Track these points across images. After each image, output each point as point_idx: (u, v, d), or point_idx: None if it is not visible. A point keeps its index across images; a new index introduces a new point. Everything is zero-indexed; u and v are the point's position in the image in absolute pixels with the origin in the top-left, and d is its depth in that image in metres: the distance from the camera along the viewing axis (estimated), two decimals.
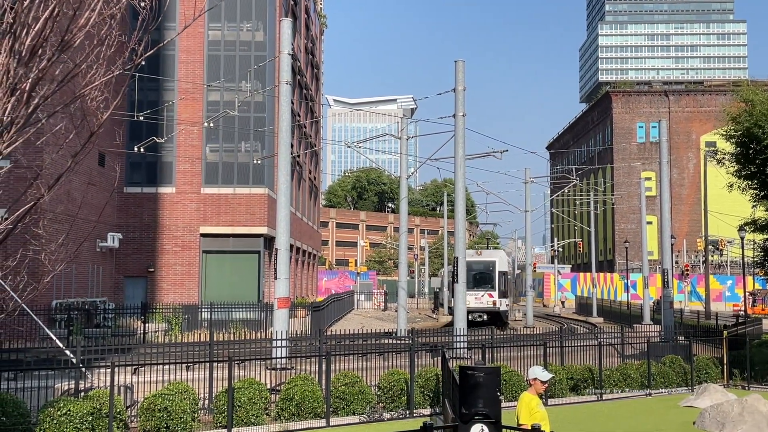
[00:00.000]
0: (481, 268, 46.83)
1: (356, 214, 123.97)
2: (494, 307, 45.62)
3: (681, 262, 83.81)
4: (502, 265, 47.67)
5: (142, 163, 43.21)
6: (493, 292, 46.04)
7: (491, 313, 45.06)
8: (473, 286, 43.99)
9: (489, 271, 46.85)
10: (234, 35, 44.74)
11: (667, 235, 35.26)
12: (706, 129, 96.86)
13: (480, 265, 46.81)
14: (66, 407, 14.36)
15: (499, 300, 46.02)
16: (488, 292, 46.02)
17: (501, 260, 47.92)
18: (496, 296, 45.99)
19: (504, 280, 46.93)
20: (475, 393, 13.89)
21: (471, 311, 41.26)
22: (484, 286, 46.24)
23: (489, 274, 46.77)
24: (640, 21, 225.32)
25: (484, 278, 46.52)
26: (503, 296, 46.48)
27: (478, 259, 46.99)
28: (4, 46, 6.40)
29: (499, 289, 46.38)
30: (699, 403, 19.53)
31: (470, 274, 42.01)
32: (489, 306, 45.55)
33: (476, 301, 44.52)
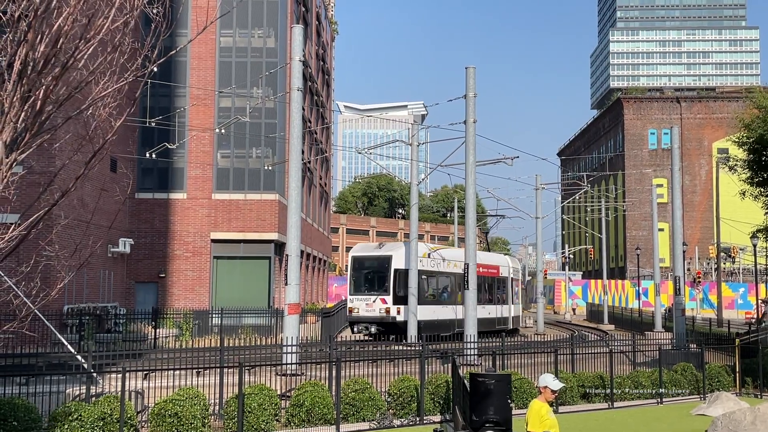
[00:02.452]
0: (374, 266, 35.68)
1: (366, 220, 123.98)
2: (387, 316, 34.11)
3: (693, 270, 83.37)
4: (403, 260, 34.85)
5: (153, 169, 43.39)
6: (386, 296, 34.32)
7: (384, 324, 34.01)
8: (364, 288, 35.59)
9: (383, 268, 34.99)
10: (245, 42, 44.92)
11: (679, 242, 35.10)
12: (718, 136, 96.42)
13: (373, 261, 35.88)
14: (77, 412, 14.40)
15: (394, 307, 34.24)
16: (381, 296, 34.49)
17: (403, 255, 34.99)
18: (391, 302, 34.27)
19: (406, 281, 34.47)
20: (486, 400, 13.89)
21: (357, 321, 34.66)
22: (377, 289, 35.10)
23: (383, 273, 34.97)
24: (652, 27, 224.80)
25: (376, 278, 35.50)
26: (404, 302, 34.04)
27: (370, 254, 36.44)
28: (19, 54, 6.46)
29: (394, 293, 34.39)
30: (711, 412, 19.41)
31: (360, 273, 36.03)
32: (381, 314, 34.27)
33: (366, 308, 34.57)
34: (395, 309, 34.17)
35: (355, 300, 35.15)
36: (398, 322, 33.97)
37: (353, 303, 35.16)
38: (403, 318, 33.83)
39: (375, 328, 33.72)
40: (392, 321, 33.98)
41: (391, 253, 35.06)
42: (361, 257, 36.45)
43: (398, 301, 34.19)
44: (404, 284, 34.18)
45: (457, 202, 74.59)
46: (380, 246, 36.94)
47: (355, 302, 35.09)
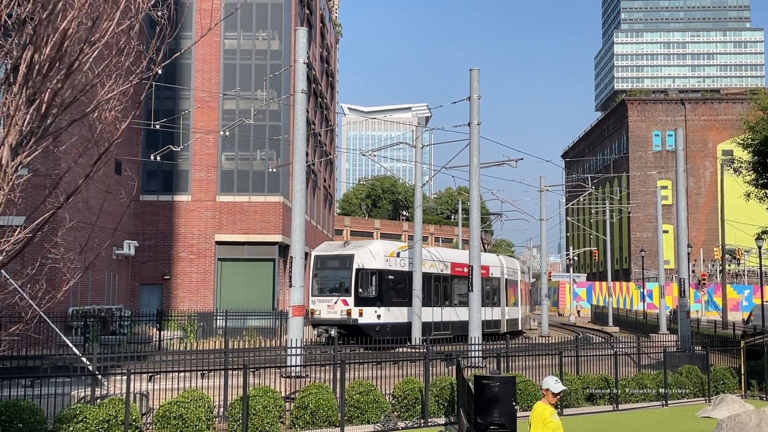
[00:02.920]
0: (336, 266, 33.80)
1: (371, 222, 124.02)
2: (348, 318, 32.05)
3: (698, 272, 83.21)
4: (367, 260, 33.24)
5: (158, 171, 43.48)
6: (348, 297, 32.45)
7: (346, 327, 31.63)
8: (326, 289, 33.67)
9: (345, 268, 33.13)
10: (250, 44, 44.99)
11: (684, 244, 35.05)
12: (722, 137, 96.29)
13: (334, 261, 33.97)
14: (82, 414, 14.43)
15: (356, 309, 32.19)
16: (342, 297, 32.57)
17: (367, 254, 33.44)
18: (352, 303, 32.29)
19: (371, 282, 33.00)
20: (491, 402, 13.88)
21: (318, 324, 32.59)
22: (338, 290, 33.23)
23: (345, 273, 33.11)
24: (656, 29, 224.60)
25: (338, 279, 33.61)
26: (367, 303, 32.53)
27: (332, 253, 34.49)
28: (24, 57, 6.48)
29: (356, 294, 32.46)
30: (716, 414, 19.37)
31: (322, 273, 34.07)
32: (342, 317, 32.10)
33: (328, 310, 32.63)
34: (357, 311, 32.25)
35: (317, 302, 33.01)
36: (360, 325, 31.86)
37: (315, 305, 32.96)
38: (367, 321, 32.31)
39: (335, 331, 31.24)
40: (353, 324, 31.83)
41: (353, 252, 33.29)
42: (323, 256, 34.38)
43: (360, 303, 32.41)
44: (369, 285, 33.01)
45: (461, 204, 74.57)
46: (345, 244, 35.25)
47: (317, 304, 32.90)
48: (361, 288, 32.75)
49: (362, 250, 33.48)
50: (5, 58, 6.59)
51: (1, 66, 6.66)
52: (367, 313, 32.53)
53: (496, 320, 43.06)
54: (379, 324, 32.71)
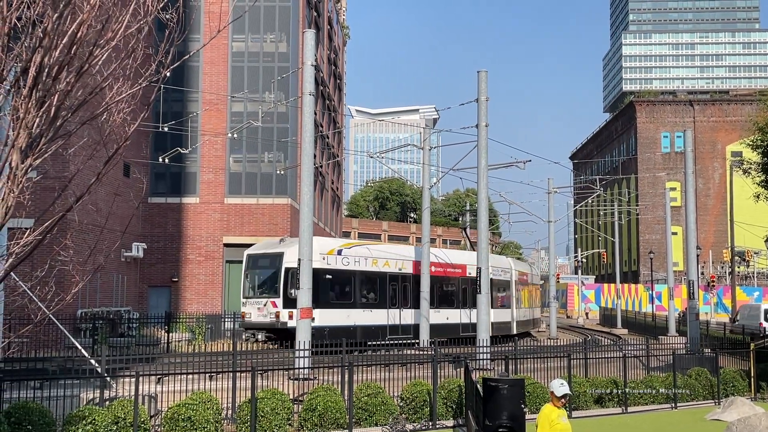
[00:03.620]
0: (266, 265, 31.28)
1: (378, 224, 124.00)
2: (277, 321, 29.58)
3: (707, 273, 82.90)
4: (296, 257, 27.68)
5: (166, 174, 43.59)
6: (276, 299, 29.87)
7: (275, 331, 29.72)
8: (256, 291, 31.30)
9: (274, 268, 30.57)
10: (257, 46, 45.07)
11: (693, 245, 34.92)
12: (731, 139, 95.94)
13: (265, 260, 31.46)
14: (91, 416, 14.46)
15: (285, 311, 29.49)
16: (271, 299, 30.08)
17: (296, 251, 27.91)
18: (281, 305, 29.65)
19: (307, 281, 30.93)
20: (499, 405, 13.85)
21: (249, 328, 30.52)
22: (268, 291, 30.73)
23: (274, 273, 30.58)
24: (665, 30, 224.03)
25: (268, 279, 31.17)
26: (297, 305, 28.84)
27: (262, 252, 31.96)
28: (34, 60, 6.50)
29: (285, 296, 29.64)
30: (726, 417, 19.28)
31: (253, 273, 31.66)
32: (270, 320, 29.77)
33: (258, 313, 30.23)
34: (286, 313, 29.28)
35: (248, 304, 30.78)
36: (291, 329, 28.21)
37: (245, 308, 30.85)
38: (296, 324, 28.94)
39: (263, 335, 29.59)
40: (282, 327, 29.37)
41: (283, 250, 30.47)
42: (254, 255, 31.87)
43: (290, 305, 28.67)
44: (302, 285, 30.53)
45: (469, 206, 74.50)
46: (281, 242, 32.11)
47: (248, 306, 30.67)
48: (291, 288, 29.25)
49: (293, 248, 29.63)
50: (15, 61, 6.62)
51: (11, 69, 6.68)
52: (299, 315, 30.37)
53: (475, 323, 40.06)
54: (315, 327, 28.45)
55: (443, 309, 36.56)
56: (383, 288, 33.99)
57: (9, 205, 6.54)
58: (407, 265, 35.29)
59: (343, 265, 32.11)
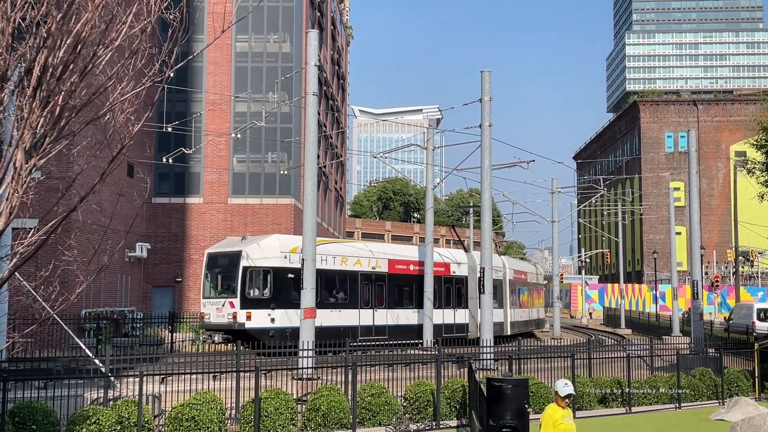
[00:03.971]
0: (225, 264, 30.13)
1: (382, 224, 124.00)
2: (234, 322, 28.49)
3: (711, 273, 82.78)
4: (258, 256, 29.52)
5: (170, 174, 43.64)
6: (234, 299, 28.83)
7: (232, 332, 28.65)
8: (216, 291, 30.22)
9: (233, 267, 29.41)
10: (261, 47, 45.11)
11: (697, 245, 34.87)
12: (735, 138, 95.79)
13: (224, 258, 30.34)
14: (95, 416, 14.48)
15: (243, 312, 28.55)
16: (229, 299, 29.00)
17: (257, 250, 29.63)
18: (238, 306, 28.65)
19: (263, 281, 29.40)
20: (503, 405, 13.83)
21: (209, 329, 29.59)
22: (226, 291, 29.65)
23: (232, 272, 29.43)
24: (668, 30, 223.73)
25: (226, 279, 29.99)
26: (258, 305, 28.96)
27: (222, 251, 30.93)
28: (38, 60, 6.51)
29: (243, 296, 28.82)
30: (730, 417, 19.25)
31: (213, 272, 30.53)
32: (228, 320, 28.67)
33: (217, 313, 29.16)
34: (244, 314, 28.53)
35: (207, 304, 29.76)
36: (249, 330, 28.34)
37: (205, 308, 29.83)
38: (256, 325, 28.57)
39: (219, 336, 28.64)
40: (240, 328, 28.40)
41: (242, 248, 29.43)
42: (214, 254, 30.79)
43: (248, 305, 28.65)
44: (259, 285, 29.24)
45: (473, 206, 74.48)
46: (243, 240, 31.05)
47: (207, 307, 29.63)
48: (249, 288, 28.96)
49: (252, 246, 29.50)
50: (19, 61, 6.63)
51: (15, 69, 6.69)
52: (258, 317, 28.76)
53: (461, 324, 37.55)
54: (274, 329, 28.66)
55: (422, 309, 34.77)
56: (354, 287, 32.46)
57: (13, 205, 6.55)
58: (382, 264, 33.90)
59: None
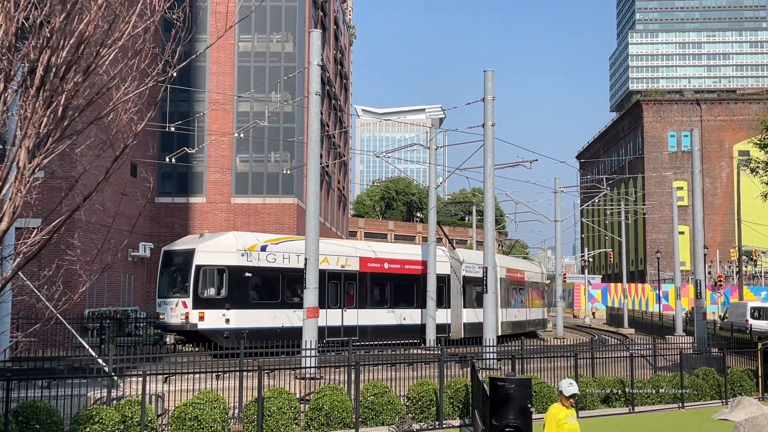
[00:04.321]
0: (180, 262, 28.84)
1: (384, 224, 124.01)
2: (186, 323, 27.42)
3: (714, 273, 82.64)
4: (212, 255, 28.33)
5: (173, 174, 43.67)
6: (186, 299, 27.71)
7: (185, 333, 27.60)
8: (171, 290, 28.96)
9: (186, 265, 28.22)
10: (264, 46, 45.12)
11: (700, 245, 34.82)
12: (739, 138, 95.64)
13: (178, 257, 29.07)
14: (98, 415, 14.50)
15: (195, 312, 27.54)
16: (182, 299, 27.87)
17: (211, 247, 28.50)
18: (191, 306, 27.57)
19: (218, 280, 28.38)
20: (506, 404, 13.84)
21: (162, 328, 28.57)
22: (179, 291, 28.36)
23: (185, 271, 28.26)
24: (671, 29, 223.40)
25: (180, 278, 28.81)
26: (211, 305, 28.00)
27: (176, 248, 29.80)
28: (42, 60, 6.52)
29: (196, 295, 27.75)
30: (733, 417, 19.22)
31: (168, 271, 29.45)
32: (180, 321, 27.61)
33: (171, 313, 28.07)
34: (197, 314, 27.54)
35: (161, 304, 28.76)
36: (201, 331, 27.40)
37: (160, 307, 28.84)
38: (210, 326, 27.62)
39: (171, 337, 27.60)
40: (192, 329, 27.41)
41: (195, 247, 28.36)
42: (169, 252, 29.72)
43: (201, 305, 27.67)
44: (214, 284, 28.27)
45: (476, 205, 74.47)
46: (200, 237, 29.92)
47: (162, 306, 28.67)
48: (202, 288, 27.99)
49: (207, 244, 28.46)
50: (22, 61, 6.64)
51: (18, 69, 6.70)
52: (211, 317, 27.81)
53: (442, 324, 35.37)
54: (229, 330, 27.81)
55: (398, 309, 33.80)
56: (321, 287, 30.70)
57: (17, 205, 6.56)
58: (352, 262, 32.50)
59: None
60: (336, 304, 31.64)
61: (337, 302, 31.67)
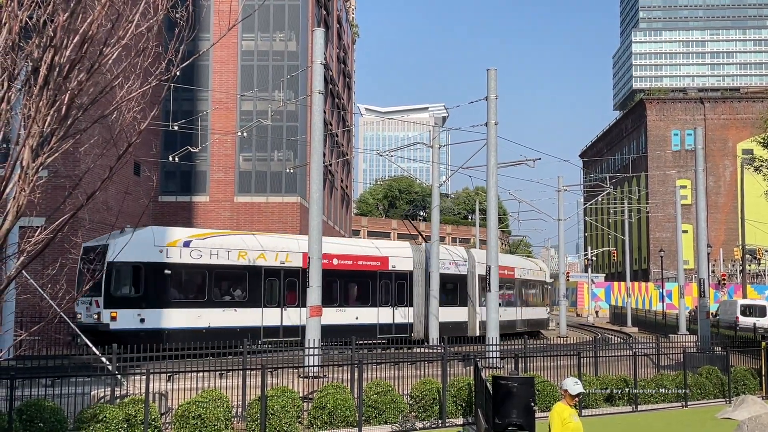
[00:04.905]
0: (95, 258, 26.41)
1: (387, 223, 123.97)
2: (99, 323, 25.85)
3: (717, 272, 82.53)
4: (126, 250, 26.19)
5: (176, 172, 43.72)
6: (99, 298, 26.06)
7: (97, 334, 25.07)
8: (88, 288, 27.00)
9: (99, 262, 26.01)
10: (267, 45, 45.14)
11: (704, 243, 34.78)
12: (742, 136, 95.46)
13: (93, 252, 26.62)
14: (102, 414, 14.54)
15: (107, 311, 26.00)
16: (95, 298, 26.14)
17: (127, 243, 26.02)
18: (102, 305, 26.00)
19: (132, 278, 26.93)
20: (509, 403, 13.84)
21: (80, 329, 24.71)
22: (94, 289, 25.99)
23: (99, 268, 25.86)
24: (675, 28, 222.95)
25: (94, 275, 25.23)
26: (125, 304, 26.50)
27: (92, 244, 27.73)
28: (45, 59, 6.53)
29: (107, 294, 26.26)
30: (736, 415, 19.21)
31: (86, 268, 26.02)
32: (93, 320, 26.00)
33: (87, 312, 26.48)
34: (108, 314, 25.98)
35: (79, 302, 26.66)
36: (113, 331, 25.62)
37: (78, 306, 26.93)
38: (123, 326, 25.99)
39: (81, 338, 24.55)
40: (104, 329, 25.73)
41: (109, 242, 26.46)
42: (87, 247, 27.60)
43: (114, 304, 26.02)
44: (127, 282, 26.91)
45: (479, 204, 74.43)
46: (121, 232, 27.67)
47: (79, 305, 26.79)
48: (115, 286, 26.56)
49: (122, 239, 26.44)
50: (26, 60, 6.65)
51: (22, 67, 6.71)
52: (124, 317, 26.23)
53: (404, 323, 34.11)
54: (144, 330, 26.22)
55: (350, 307, 32.21)
56: (256, 284, 29.52)
57: (20, 204, 6.58)
58: (295, 258, 30.30)
59: (192, 259, 28.12)
60: (273, 302, 29.77)
61: (274, 301, 29.82)
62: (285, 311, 29.96)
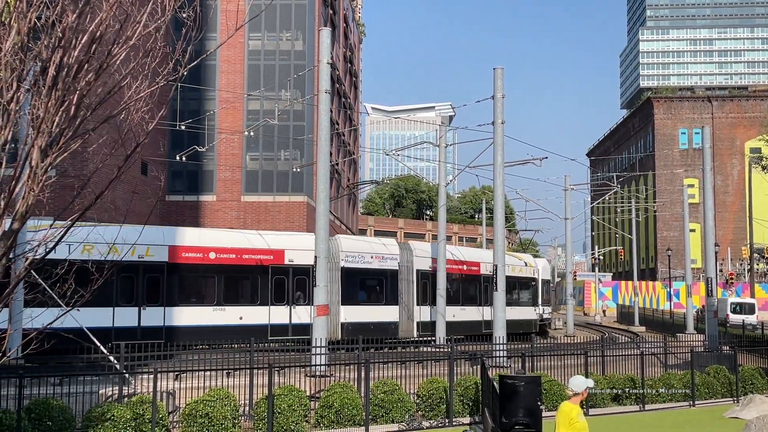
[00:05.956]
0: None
1: (394, 222, 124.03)
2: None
3: (725, 271, 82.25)
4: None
5: (183, 172, 43.81)
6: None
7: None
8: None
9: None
10: (274, 45, 45.20)
11: (711, 242, 34.67)
12: (750, 135, 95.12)
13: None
14: (110, 412, 14.60)
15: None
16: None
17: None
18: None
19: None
20: (516, 402, 13.84)
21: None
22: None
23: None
24: (682, 26, 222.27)
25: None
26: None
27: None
28: (54, 59, 6.57)
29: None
30: (744, 415, 19.15)
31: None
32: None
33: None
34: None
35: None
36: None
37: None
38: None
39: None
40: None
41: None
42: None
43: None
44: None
45: (485, 203, 74.36)
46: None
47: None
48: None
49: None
50: (35, 60, 6.69)
51: (30, 68, 6.75)
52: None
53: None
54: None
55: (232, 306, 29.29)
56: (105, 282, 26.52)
57: (29, 204, 6.62)
58: (157, 252, 27.93)
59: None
60: (129, 301, 27.27)
61: (129, 299, 27.32)
62: (143, 310, 27.62)
